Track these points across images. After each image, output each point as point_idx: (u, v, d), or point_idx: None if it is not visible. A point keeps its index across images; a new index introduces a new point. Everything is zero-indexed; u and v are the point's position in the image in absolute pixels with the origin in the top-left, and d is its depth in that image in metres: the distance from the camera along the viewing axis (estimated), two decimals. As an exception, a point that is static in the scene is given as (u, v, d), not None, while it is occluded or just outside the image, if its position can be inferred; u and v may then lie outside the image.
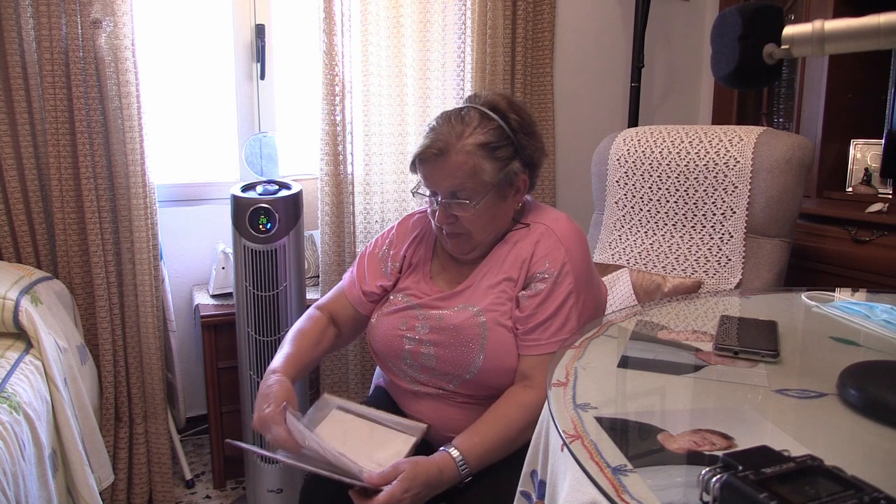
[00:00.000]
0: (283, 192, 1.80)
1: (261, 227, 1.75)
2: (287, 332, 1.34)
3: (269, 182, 1.86)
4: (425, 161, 1.18)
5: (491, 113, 1.19)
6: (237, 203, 1.77)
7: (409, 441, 1.16)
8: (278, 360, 1.23)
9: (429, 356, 1.21)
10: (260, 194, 1.78)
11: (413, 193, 1.27)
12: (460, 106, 1.23)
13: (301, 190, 1.85)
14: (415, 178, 2.26)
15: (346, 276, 1.38)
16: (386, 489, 1.01)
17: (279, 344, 1.83)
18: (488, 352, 1.16)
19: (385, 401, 1.34)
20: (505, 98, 1.24)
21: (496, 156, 1.18)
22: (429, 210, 1.26)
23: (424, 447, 1.19)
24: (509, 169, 1.20)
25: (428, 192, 1.22)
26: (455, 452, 1.08)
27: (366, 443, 1.15)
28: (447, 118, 1.20)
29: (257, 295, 1.78)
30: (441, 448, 1.10)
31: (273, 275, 1.78)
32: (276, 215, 1.75)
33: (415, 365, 1.23)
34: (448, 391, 1.21)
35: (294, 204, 1.80)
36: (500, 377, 1.17)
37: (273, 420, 1.07)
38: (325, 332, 1.33)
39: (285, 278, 1.79)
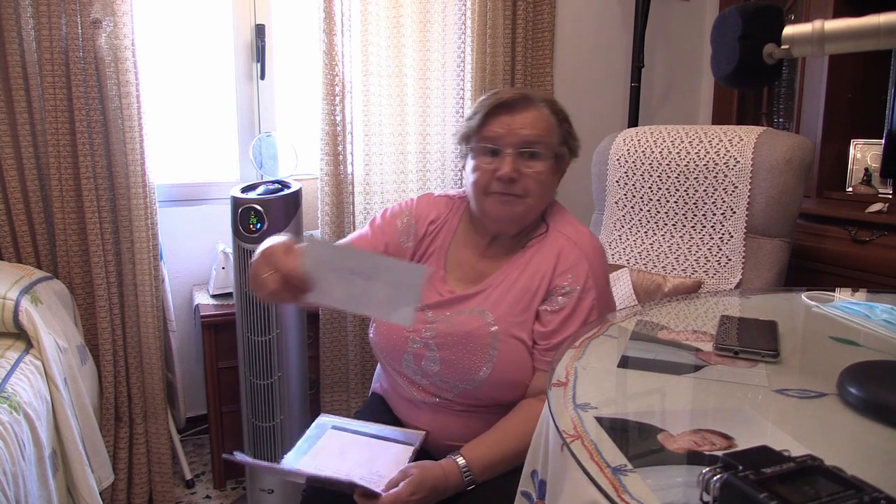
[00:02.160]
0: (276, 193, 1.80)
1: (251, 227, 1.75)
2: (281, 332, 1.31)
3: (272, 182, 1.86)
4: (508, 106, 1.15)
5: (541, 103, 1.21)
6: (233, 203, 1.78)
7: (409, 450, 1.15)
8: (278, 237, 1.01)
9: (433, 360, 1.18)
10: (260, 194, 1.78)
11: (471, 149, 1.20)
12: None
13: (298, 190, 1.84)
14: (412, 179, 2.30)
15: (354, 234, 1.35)
16: (392, 491, 1.01)
17: (273, 344, 1.80)
18: (497, 364, 1.13)
19: (382, 409, 1.31)
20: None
21: (563, 127, 1.22)
22: (481, 171, 1.17)
23: (423, 455, 1.17)
24: (563, 148, 1.23)
25: (489, 147, 1.17)
26: (461, 461, 1.07)
27: (365, 458, 1.14)
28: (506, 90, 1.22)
29: (252, 295, 1.77)
30: (449, 455, 1.09)
31: None
32: (266, 216, 1.75)
33: (415, 368, 1.20)
34: (446, 400, 1.19)
35: (288, 204, 1.79)
36: (503, 391, 1.15)
37: (268, 283, 0.91)
38: None
39: None
